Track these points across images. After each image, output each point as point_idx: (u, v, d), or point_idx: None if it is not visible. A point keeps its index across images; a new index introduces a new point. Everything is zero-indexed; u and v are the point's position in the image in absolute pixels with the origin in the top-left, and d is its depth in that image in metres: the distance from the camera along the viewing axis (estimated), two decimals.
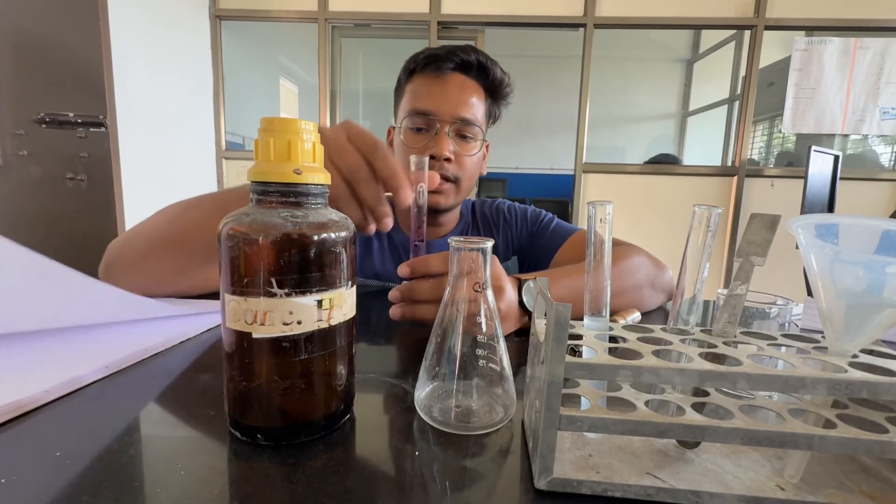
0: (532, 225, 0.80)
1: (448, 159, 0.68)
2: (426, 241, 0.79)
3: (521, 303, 0.48)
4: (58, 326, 0.41)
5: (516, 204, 0.84)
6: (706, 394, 0.26)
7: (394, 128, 0.75)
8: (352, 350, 0.29)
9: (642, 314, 0.58)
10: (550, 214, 0.82)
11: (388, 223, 0.42)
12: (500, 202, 0.84)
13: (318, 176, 0.26)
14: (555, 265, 0.73)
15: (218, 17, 2.31)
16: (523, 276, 0.49)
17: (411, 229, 0.48)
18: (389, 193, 0.41)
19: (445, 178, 0.69)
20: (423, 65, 0.70)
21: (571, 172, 2.32)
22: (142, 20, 1.87)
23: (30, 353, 0.36)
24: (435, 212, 0.73)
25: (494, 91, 0.74)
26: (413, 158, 0.45)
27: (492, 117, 0.77)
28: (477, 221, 0.83)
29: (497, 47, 1.88)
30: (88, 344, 0.38)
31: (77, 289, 0.38)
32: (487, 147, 0.74)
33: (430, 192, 0.70)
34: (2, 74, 1.78)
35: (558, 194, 3.51)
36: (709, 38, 3.24)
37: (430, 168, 0.69)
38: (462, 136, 0.71)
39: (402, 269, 0.44)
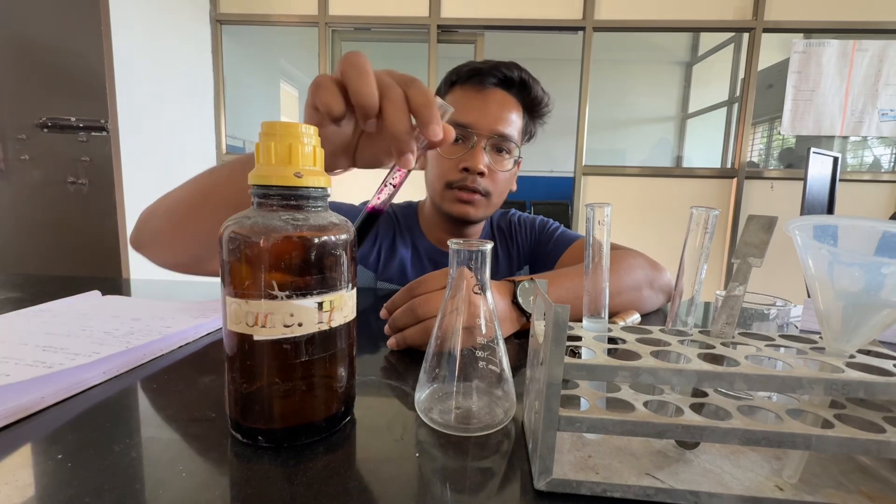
0: (539, 233, 0.82)
1: (482, 173, 0.69)
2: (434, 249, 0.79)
3: (518, 305, 0.48)
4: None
5: (524, 214, 0.86)
6: (705, 394, 0.26)
7: None
8: (352, 352, 0.29)
9: (642, 316, 0.58)
10: (557, 223, 0.83)
11: (409, 160, 0.34)
12: (511, 214, 0.86)
13: (318, 179, 0.27)
14: None
15: (219, 21, 2.33)
16: (517, 279, 0.50)
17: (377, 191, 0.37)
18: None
19: (476, 192, 0.70)
20: (466, 77, 0.71)
21: (571, 175, 2.33)
22: (143, 25, 1.88)
23: (29, 357, 0.36)
24: (464, 223, 0.74)
25: (533, 109, 0.75)
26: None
27: (527, 135, 0.78)
28: (494, 233, 0.85)
29: (497, 51, 1.89)
30: (88, 349, 0.38)
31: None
32: (519, 164, 0.75)
33: (463, 203, 0.70)
34: (4, 79, 1.79)
35: (558, 197, 3.52)
36: (708, 40, 3.24)
37: (463, 181, 0.69)
38: (497, 151, 0.71)
39: (382, 313, 0.47)
